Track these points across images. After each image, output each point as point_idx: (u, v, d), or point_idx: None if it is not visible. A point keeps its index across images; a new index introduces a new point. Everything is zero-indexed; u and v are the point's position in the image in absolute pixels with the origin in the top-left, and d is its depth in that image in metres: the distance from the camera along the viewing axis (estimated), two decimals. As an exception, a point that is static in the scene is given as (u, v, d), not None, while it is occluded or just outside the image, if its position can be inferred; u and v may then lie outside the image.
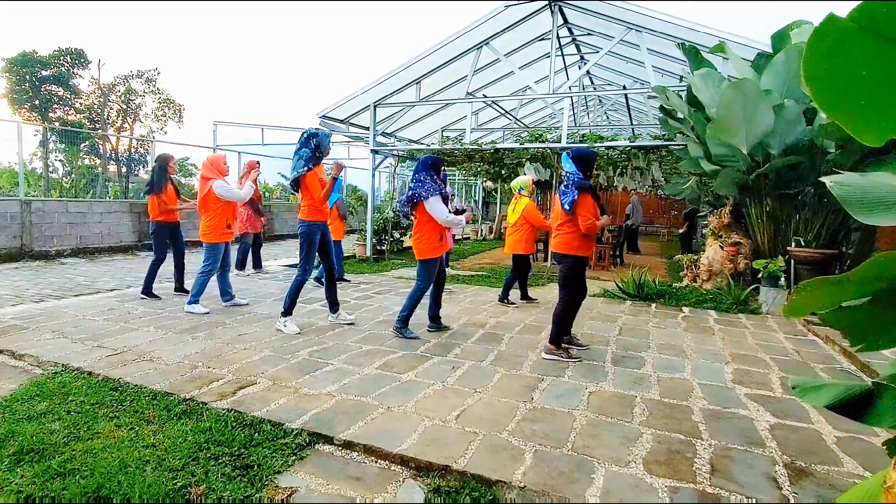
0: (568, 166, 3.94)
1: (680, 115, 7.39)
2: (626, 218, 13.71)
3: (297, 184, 4.42)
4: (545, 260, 9.52)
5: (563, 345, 3.92)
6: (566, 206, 3.82)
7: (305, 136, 4.44)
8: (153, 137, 30.53)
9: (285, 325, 4.40)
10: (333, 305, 4.76)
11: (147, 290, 5.65)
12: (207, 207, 5.17)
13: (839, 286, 0.99)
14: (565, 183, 3.93)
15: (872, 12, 0.75)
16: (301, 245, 4.47)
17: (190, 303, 5.08)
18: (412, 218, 4.42)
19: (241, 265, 7.75)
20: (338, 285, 5.03)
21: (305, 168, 4.37)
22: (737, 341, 4.50)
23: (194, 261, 6.52)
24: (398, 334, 4.31)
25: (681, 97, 7.54)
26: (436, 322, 4.59)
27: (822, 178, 1.05)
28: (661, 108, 8.17)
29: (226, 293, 5.49)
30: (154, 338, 4.08)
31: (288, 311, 4.44)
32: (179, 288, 5.97)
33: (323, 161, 4.66)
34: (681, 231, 12.72)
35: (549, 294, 6.50)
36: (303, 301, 5.69)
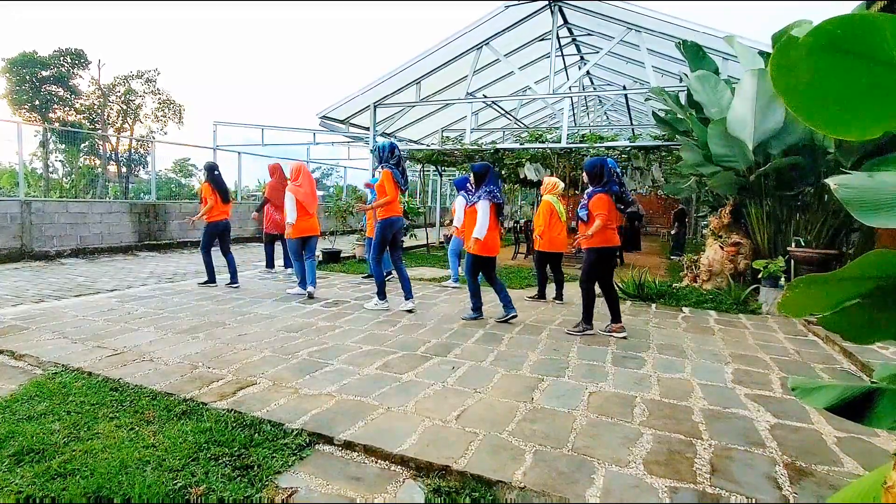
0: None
1: (680, 116, 7.40)
2: (628, 216, 13.69)
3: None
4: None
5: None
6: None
7: (398, 148, 5.27)
8: (153, 138, 30.55)
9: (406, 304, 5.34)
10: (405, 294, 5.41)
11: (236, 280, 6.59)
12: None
13: (833, 284, 0.99)
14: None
15: (829, 32, 0.77)
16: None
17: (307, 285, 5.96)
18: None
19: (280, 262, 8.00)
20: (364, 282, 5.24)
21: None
22: (737, 341, 4.50)
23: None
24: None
25: (678, 99, 7.54)
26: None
27: (827, 180, 1.05)
28: (654, 115, 8.17)
29: (303, 280, 6.14)
30: (154, 338, 4.08)
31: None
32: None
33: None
34: (672, 232, 12.75)
35: (550, 293, 6.49)
36: (303, 301, 5.70)
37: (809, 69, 0.81)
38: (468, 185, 5.99)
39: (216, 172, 6.53)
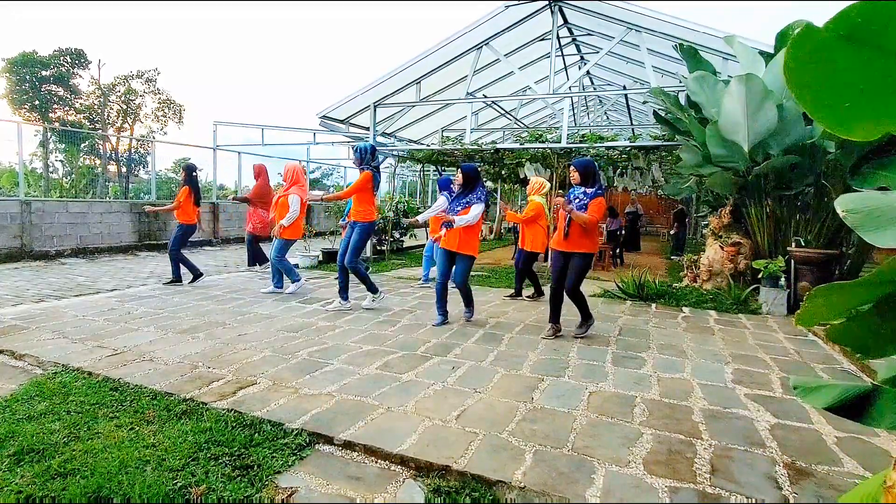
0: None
1: (679, 117, 7.40)
2: (628, 216, 13.71)
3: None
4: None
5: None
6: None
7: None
8: (153, 138, 30.55)
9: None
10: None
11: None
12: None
13: (854, 291, 0.96)
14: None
15: (849, 20, 0.76)
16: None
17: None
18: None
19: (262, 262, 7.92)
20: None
21: None
22: (737, 341, 4.50)
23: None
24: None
25: (678, 100, 7.54)
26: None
27: (835, 204, 1.03)
28: (655, 114, 8.16)
29: (280, 279, 6.27)
30: (154, 338, 4.08)
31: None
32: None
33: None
34: (672, 232, 12.78)
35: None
36: (302, 301, 5.70)
37: (827, 61, 0.79)
38: (451, 185, 6.01)
39: (194, 174, 6.45)
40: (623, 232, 11.68)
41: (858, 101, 0.82)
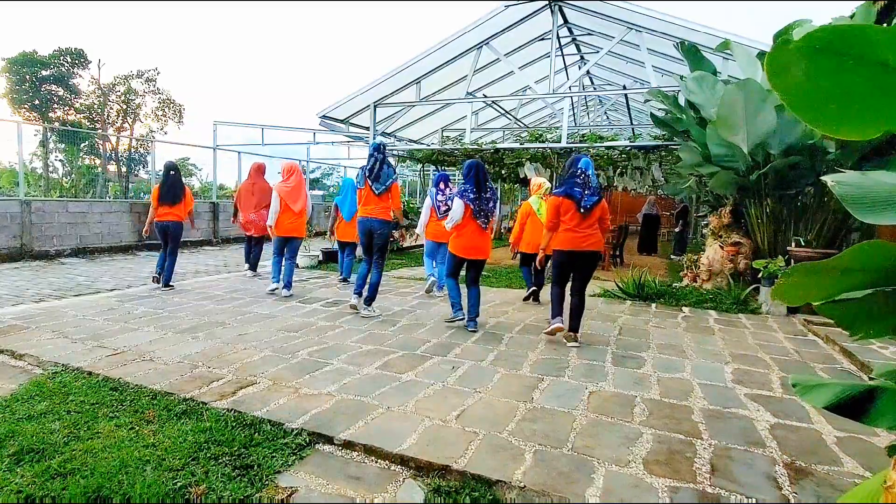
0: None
1: (679, 117, 7.40)
2: (646, 218, 13.65)
3: (386, 190, 4.97)
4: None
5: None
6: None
7: (378, 146, 4.94)
8: (153, 137, 30.53)
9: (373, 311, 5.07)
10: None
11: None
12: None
13: (826, 274, 1.00)
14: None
15: (821, 38, 0.78)
16: (386, 244, 5.15)
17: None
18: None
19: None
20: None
21: (396, 177, 5.10)
22: (737, 341, 4.50)
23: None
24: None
25: (677, 100, 7.54)
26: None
27: (824, 178, 1.07)
28: (653, 116, 8.16)
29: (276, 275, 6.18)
30: (154, 338, 4.08)
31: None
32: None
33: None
34: (677, 230, 12.76)
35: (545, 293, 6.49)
36: (303, 301, 5.70)
37: (803, 70, 0.82)
38: (441, 185, 5.98)
39: (171, 173, 6.24)
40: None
41: (842, 103, 0.84)
